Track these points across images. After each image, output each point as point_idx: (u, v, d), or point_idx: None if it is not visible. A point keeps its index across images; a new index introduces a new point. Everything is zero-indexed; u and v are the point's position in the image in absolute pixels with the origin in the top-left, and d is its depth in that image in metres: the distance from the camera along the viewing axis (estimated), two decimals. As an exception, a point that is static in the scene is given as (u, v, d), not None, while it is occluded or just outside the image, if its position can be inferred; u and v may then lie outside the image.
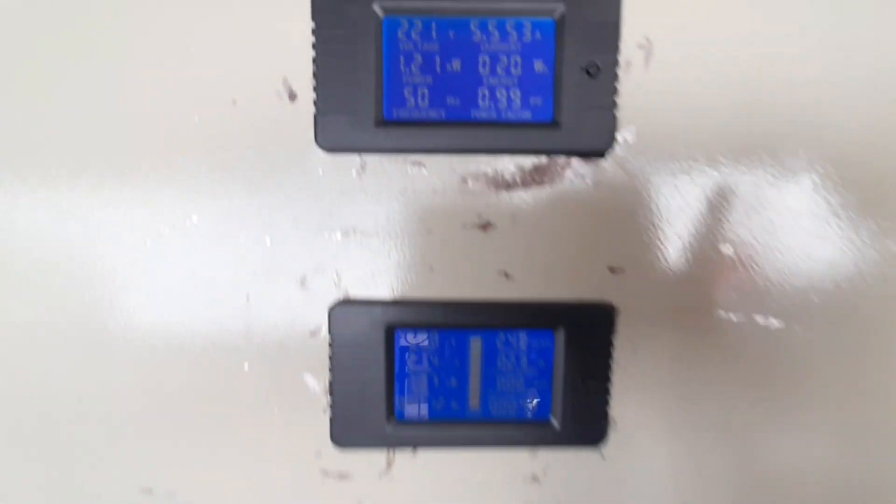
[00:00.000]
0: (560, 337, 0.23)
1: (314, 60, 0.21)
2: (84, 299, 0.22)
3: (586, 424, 0.23)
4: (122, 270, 0.22)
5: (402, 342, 0.23)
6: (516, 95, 0.22)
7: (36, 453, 0.23)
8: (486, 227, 0.22)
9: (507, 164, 0.22)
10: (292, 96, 0.22)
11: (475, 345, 0.23)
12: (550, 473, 0.24)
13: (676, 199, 0.22)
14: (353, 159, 0.22)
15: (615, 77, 0.21)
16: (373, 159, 0.22)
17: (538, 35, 0.21)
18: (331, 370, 0.23)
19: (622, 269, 0.23)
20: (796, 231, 0.23)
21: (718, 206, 0.23)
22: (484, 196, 0.22)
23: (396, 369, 0.23)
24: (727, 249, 0.23)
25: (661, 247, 0.23)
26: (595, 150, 0.22)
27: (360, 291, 0.23)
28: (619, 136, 0.22)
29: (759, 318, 0.23)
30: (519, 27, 0.21)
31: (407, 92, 0.22)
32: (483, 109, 0.22)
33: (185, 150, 0.22)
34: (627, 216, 0.22)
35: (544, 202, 0.22)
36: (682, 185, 0.22)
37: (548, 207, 0.22)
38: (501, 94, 0.22)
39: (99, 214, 0.22)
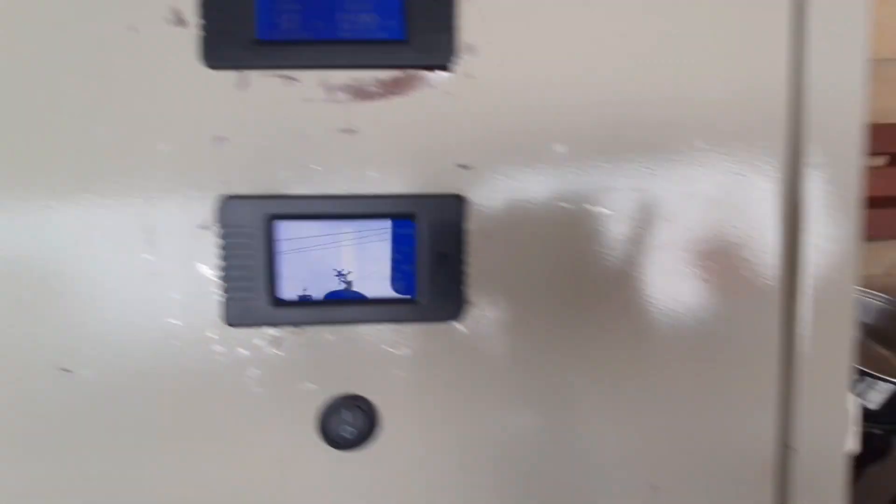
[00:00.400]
0: (420, 225, 0.27)
1: (198, -11, 0.25)
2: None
3: (447, 303, 0.27)
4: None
5: (282, 232, 0.26)
6: (372, 18, 0.26)
7: None
8: (352, 131, 0.26)
9: (368, 78, 0.26)
10: (181, 21, 0.25)
11: (346, 234, 0.27)
12: (417, 346, 0.28)
13: (514, 104, 0.27)
14: (234, 76, 0.26)
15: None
16: (252, 75, 0.26)
17: (388, -35, 0.25)
18: (221, 259, 0.26)
19: (471, 166, 0.27)
20: (623, 134, 0.27)
21: (551, 108, 0.27)
22: (349, 105, 0.26)
23: (278, 256, 0.26)
24: (560, 148, 0.27)
25: (504, 145, 0.27)
26: (441, 64, 0.26)
27: (244, 189, 0.26)
28: (463, 52, 0.26)
29: (588, 206, 0.28)
30: (371, -41, 0.25)
31: (279, 16, 0.26)
32: (345, 30, 0.26)
33: (91, 70, 0.25)
34: (473, 120, 0.27)
35: (401, 109, 0.26)
36: (517, 92, 0.27)
37: (404, 113, 0.26)
38: (360, 17, 0.26)
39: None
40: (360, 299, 0.27)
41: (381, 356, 0.28)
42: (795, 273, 0.29)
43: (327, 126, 0.26)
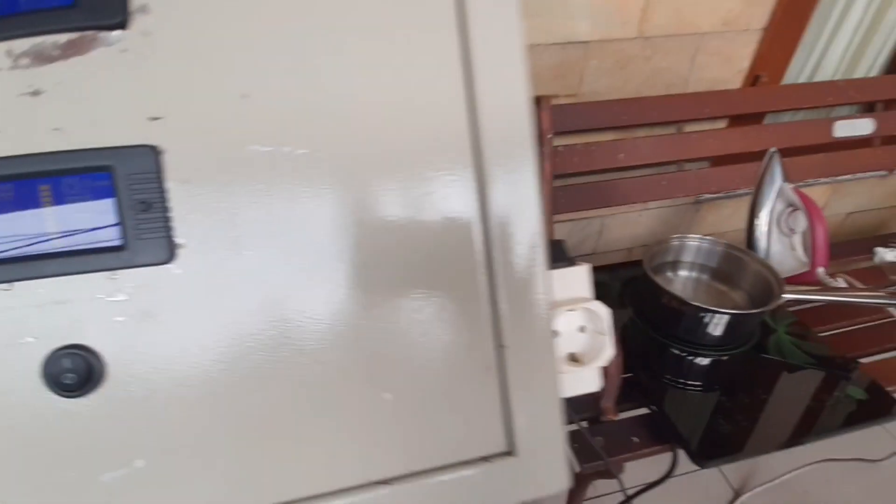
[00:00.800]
0: (117, 177, 0.29)
1: None
2: None
3: (155, 247, 0.29)
4: None
5: (-24, 193, 0.28)
6: (43, -12, 0.28)
7: None
8: (37, 93, 0.28)
9: (48, 43, 0.28)
10: None
11: (45, 191, 0.28)
12: (132, 292, 0.29)
13: (197, 58, 0.29)
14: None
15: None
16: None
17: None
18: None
19: (162, 116, 0.29)
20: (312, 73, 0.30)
21: (233, 61, 0.30)
22: (33, 69, 0.28)
23: (-25, 216, 0.28)
24: (246, 97, 0.30)
25: (192, 96, 0.29)
26: (113, 24, 0.28)
27: (-69, 155, 0.27)
28: (135, 12, 0.28)
29: (287, 149, 0.30)
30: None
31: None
32: (12, 4, 0.27)
33: None
34: (157, 74, 0.29)
35: (84, 68, 0.28)
36: (196, 47, 0.29)
37: (88, 72, 0.28)
38: (32, -12, 0.28)
39: None
40: (67, 252, 0.29)
41: (98, 304, 0.29)
42: (490, 241, 0.34)
43: (13, 91, 0.28)
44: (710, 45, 0.98)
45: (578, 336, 0.44)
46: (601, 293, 0.97)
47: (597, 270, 1.02)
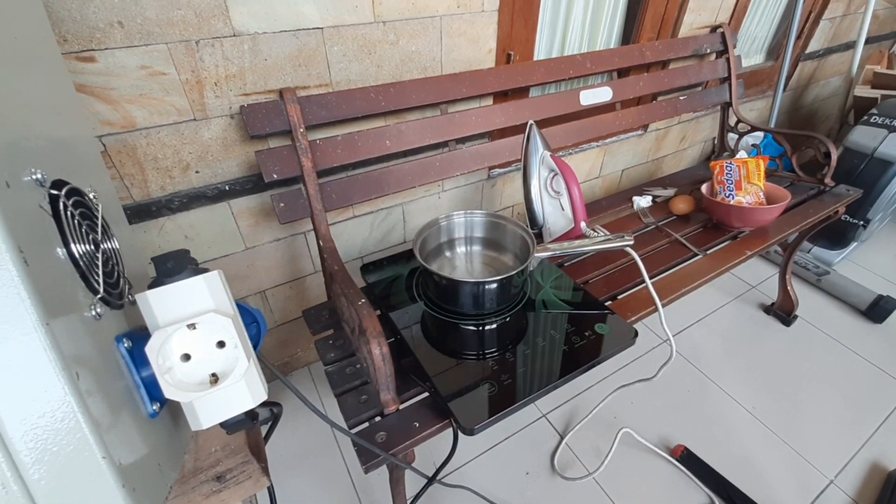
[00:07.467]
0: None
1: None
2: None
3: None
4: None
5: None
6: None
7: None
8: None
9: None
10: None
11: None
12: None
13: None
14: None
15: None
16: None
17: None
18: None
19: None
20: None
21: None
22: None
23: None
24: None
25: None
26: None
27: None
28: None
29: None
30: None
31: None
32: None
33: None
34: None
35: None
36: None
37: None
38: None
39: None
40: None
41: None
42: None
43: None
44: (452, 26, 1.02)
45: (218, 353, 0.38)
46: (398, 287, 0.97)
47: (396, 261, 1.01)
